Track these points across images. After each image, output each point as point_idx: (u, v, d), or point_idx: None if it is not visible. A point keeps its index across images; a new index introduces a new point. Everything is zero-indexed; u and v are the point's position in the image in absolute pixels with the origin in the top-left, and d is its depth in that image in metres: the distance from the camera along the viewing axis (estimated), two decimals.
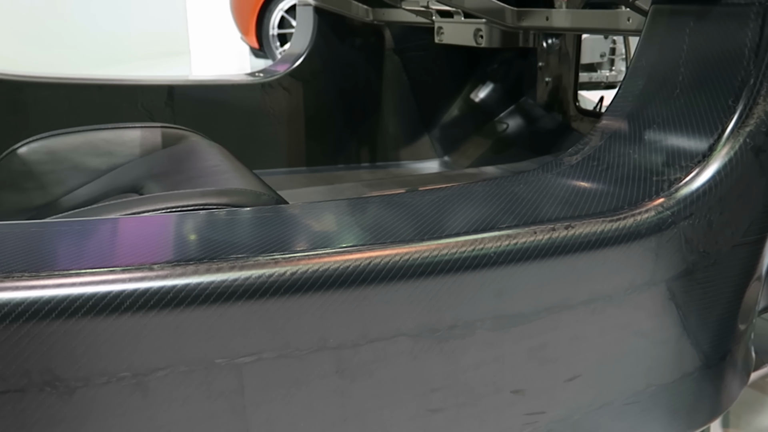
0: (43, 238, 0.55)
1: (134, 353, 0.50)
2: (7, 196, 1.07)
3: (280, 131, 1.92)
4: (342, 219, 0.67)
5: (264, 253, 0.56)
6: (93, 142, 1.11)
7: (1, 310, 0.46)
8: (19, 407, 0.48)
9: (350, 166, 1.97)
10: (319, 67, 1.92)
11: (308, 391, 0.57)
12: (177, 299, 0.51)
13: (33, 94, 1.74)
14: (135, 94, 1.81)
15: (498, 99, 2.01)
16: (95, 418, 0.50)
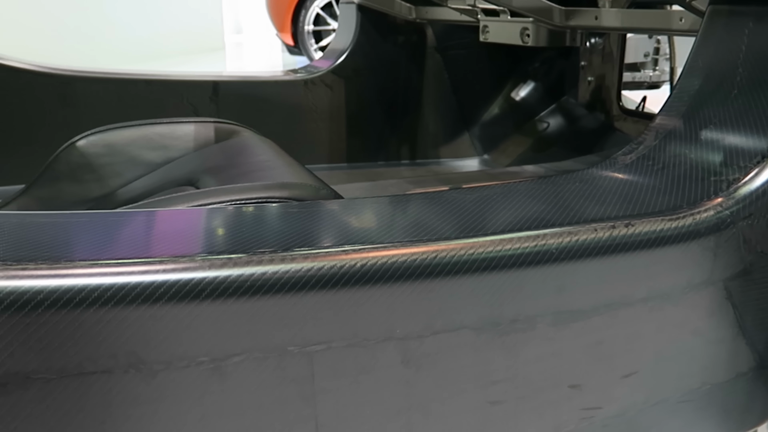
0: (125, 226, 0.58)
1: (213, 339, 0.52)
2: (66, 187, 1.10)
3: (322, 127, 1.94)
4: (405, 213, 0.68)
5: (334, 245, 0.57)
6: (148, 136, 1.14)
7: (91, 295, 0.48)
8: (106, 387, 0.50)
9: (390, 163, 1.99)
10: (361, 65, 1.93)
11: (374, 380, 0.58)
12: (254, 288, 0.53)
13: (83, 89, 1.78)
14: (181, 90, 1.84)
15: (539, 98, 2.02)
16: (175, 400, 0.52)
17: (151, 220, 0.61)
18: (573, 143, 1.84)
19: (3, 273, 0.47)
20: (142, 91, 1.82)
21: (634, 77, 1.99)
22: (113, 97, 1.80)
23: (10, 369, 0.48)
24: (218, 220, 0.63)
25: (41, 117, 1.74)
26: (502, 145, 2.00)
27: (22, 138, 1.70)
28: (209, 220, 0.62)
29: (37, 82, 1.74)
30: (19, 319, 0.47)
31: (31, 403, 0.49)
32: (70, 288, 0.48)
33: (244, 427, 0.55)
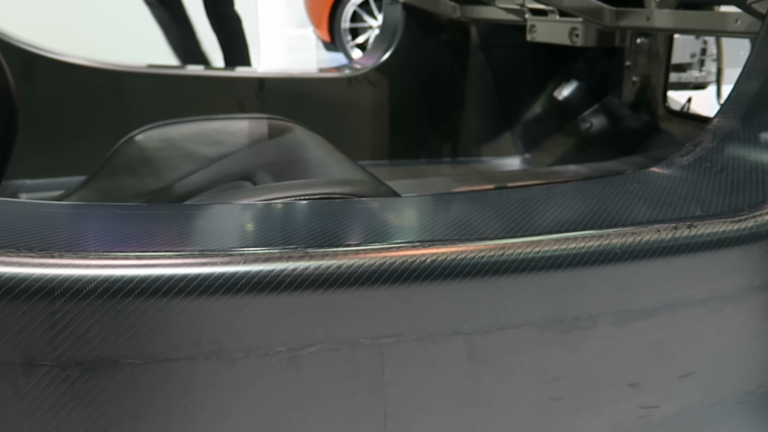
0: (205, 219, 0.60)
1: (289, 329, 0.54)
2: (125, 180, 1.14)
3: (365, 125, 1.96)
4: (468, 211, 0.69)
5: (404, 241, 0.59)
6: (204, 132, 1.17)
7: (177, 285, 0.51)
8: (189, 373, 0.52)
9: (432, 161, 2.00)
10: (404, 63, 1.95)
11: (441, 373, 0.60)
12: (329, 281, 0.54)
13: (133, 84, 1.82)
14: (227, 86, 1.87)
15: (582, 97, 2.01)
16: (253, 387, 0.54)
17: (227, 213, 0.63)
18: (616, 143, 1.84)
19: (98, 262, 0.49)
20: (190, 87, 1.86)
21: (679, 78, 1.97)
22: (161, 92, 1.84)
23: (101, 353, 0.50)
24: (290, 214, 0.64)
25: (94, 111, 1.78)
26: (544, 145, 2.00)
27: (76, 131, 1.75)
28: (283, 214, 0.64)
29: (90, 77, 1.78)
30: (111, 306, 0.49)
31: (120, 387, 0.51)
32: (158, 277, 0.50)
33: (316, 415, 0.57)
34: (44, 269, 0.48)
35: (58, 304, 0.48)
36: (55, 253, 0.49)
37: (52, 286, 0.48)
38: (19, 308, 0.48)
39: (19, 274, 0.48)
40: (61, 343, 0.49)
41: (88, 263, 0.50)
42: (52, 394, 0.50)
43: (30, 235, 0.52)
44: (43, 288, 0.48)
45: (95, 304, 0.49)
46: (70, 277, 0.49)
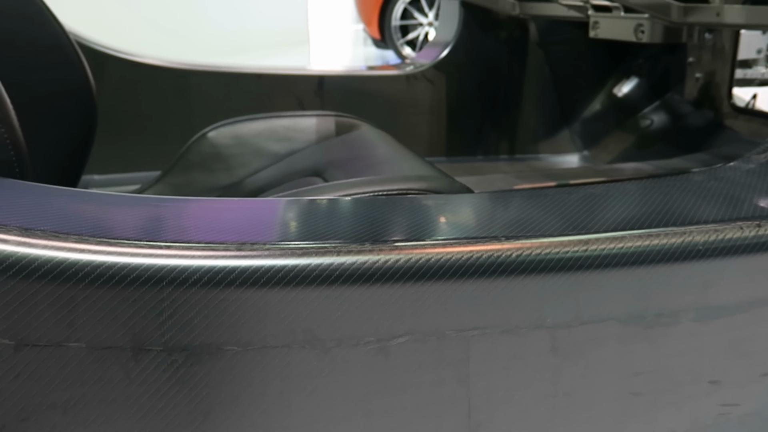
0: (297, 212, 0.62)
1: (379, 320, 0.56)
2: (198, 175, 1.17)
3: (422, 121, 1.97)
4: (547, 206, 0.70)
5: (488, 235, 0.60)
6: (273, 128, 1.19)
7: (276, 275, 0.53)
8: (285, 361, 0.54)
9: (489, 158, 2.01)
10: (462, 60, 1.95)
11: (524, 366, 0.61)
12: (418, 274, 0.56)
13: (197, 82, 1.86)
14: (288, 84, 1.91)
15: (642, 94, 1.99)
16: (344, 375, 0.56)
17: (315, 207, 0.65)
18: (679, 141, 1.81)
19: (202, 253, 0.52)
20: (252, 85, 1.89)
21: (744, 74, 1.94)
22: (224, 89, 1.88)
23: (204, 340, 0.52)
24: (374, 209, 0.66)
25: (159, 108, 1.83)
26: (603, 142, 1.98)
27: (141, 128, 1.80)
28: (367, 209, 0.65)
29: (156, 75, 1.83)
30: (215, 295, 0.52)
31: (221, 372, 0.53)
32: (258, 268, 0.52)
33: (403, 404, 0.58)
34: (153, 259, 0.51)
35: (165, 292, 0.51)
36: (162, 244, 0.52)
37: (160, 275, 0.51)
38: (131, 296, 0.50)
39: (131, 263, 0.50)
40: (168, 330, 0.51)
41: (193, 254, 0.52)
42: (158, 377, 0.52)
43: (137, 227, 0.55)
44: (152, 277, 0.50)
45: (200, 293, 0.52)
46: (177, 266, 0.51)
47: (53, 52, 1.07)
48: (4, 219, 0.51)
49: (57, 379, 0.50)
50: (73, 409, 0.51)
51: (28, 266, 0.48)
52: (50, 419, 0.51)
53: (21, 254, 0.48)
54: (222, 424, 0.54)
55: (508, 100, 2.01)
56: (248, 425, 0.55)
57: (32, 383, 0.50)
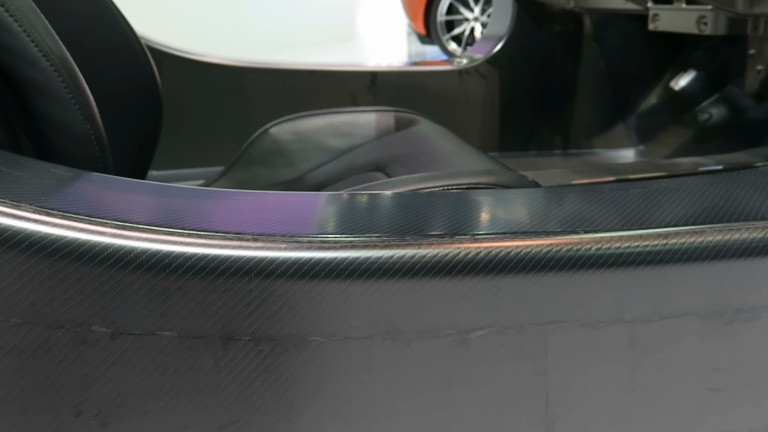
0: (372, 205, 0.63)
1: (459, 313, 0.56)
2: (260, 171, 1.19)
3: (475, 116, 1.97)
4: (621, 201, 0.69)
5: (565, 229, 0.60)
6: (334, 124, 1.20)
7: (359, 268, 0.54)
8: (367, 352, 0.55)
9: (542, 153, 1.99)
10: (516, 55, 1.94)
11: (602, 361, 0.61)
12: (498, 267, 0.56)
13: (252, 79, 1.89)
14: (341, 80, 1.92)
15: (700, 87, 1.95)
16: (425, 367, 0.57)
17: (393, 200, 0.65)
18: (739, 134, 1.78)
19: (287, 245, 0.53)
20: (305, 81, 1.91)
21: None
22: (278, 86, 1.90)
23: (290, 330, 0.53)
24: (448, 203, 0.67)
25: (214, 105, 1.86)
26: (659, 136, 1.95)
27: (198, 124, 1.84)
28: (443, 203, 0.66)
29: (212, 72, 1.86)
30: (300, 287, 0.53)
31: (306, 362, 0.54)
32: (342, 260, 0.53)
33: (482, 396, 0.59)
34: (242, 251, 0.52)
35: (253, 283, 0.52)
36: (249, 236, 0.53)
37: (249, 266, 0.52)
38: (221, 286, 0.52)
39: (221, 255, 0.52)
40: (255, 320, 0.53)
41: (279, 246, 0.53)
42: (246, 366, 0.54)
43: (224, 220, 0.56)
44: (241, 268, 0.52)
45: (286, 285, 0.53)
46: (264, 258, 0.52)
47: (122, 50, 1.10)
48: (100, 212, 0.52)
49: (150, 367, 0.52)
50: (165, 396, 0.53)
51: (124, 257, 0.50)
52: (143, 405, 0.53)
53: (117, 246, 0.50)
54: (306, 413, 0.56)
55: (561, 95, 1.99)
56: (331, 414, 0.56)
57: (127, 370, 0.52)
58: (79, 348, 0.51)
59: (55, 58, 0.66)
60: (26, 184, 0.55)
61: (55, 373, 0.51)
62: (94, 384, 0.52)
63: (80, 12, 1.03)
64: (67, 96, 0.67)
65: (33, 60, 0.65)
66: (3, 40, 0.64)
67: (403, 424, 0.58)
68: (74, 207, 0.52)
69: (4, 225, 0.48)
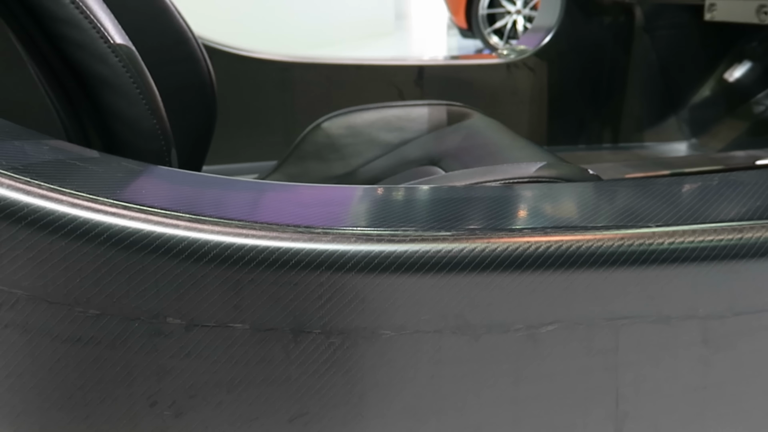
0: (447, 199, 0.63)
1: (529, 307, 0.56)
2: (313, 165, 1.19)
3: (522, 110, 1.95)
4: (692, 195, 0.68)
5: (636, 224, 0.59)
6: (386, 118, 1.20)
7: (429, 262, 0.53)
8: (436, 346, 0.55)
9: (591, 147, 1.96)
10: (564, 47, 1.92)
11: (674, 357, 0.60)
12: (569, 261, 0.55)
13: (299, 74, 1.90)
14: (388, 74, 1.92)
15: (755, 79, 1.90)
16: (494, 362, 0.56)
17: (459, 193, 0.65)
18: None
19: (357, 239, 0.53)
20: (352, 76, 1.92)
21: None
22: (325, 81, 1.91)
23: (360, 324, 0.53)
24: (513, 197, 0.66)
25: (263, 100, 1.88)
26: (713, 129, 1.91)
27: (246, 119, 1.85)
28: (508, 195, 0.65)
29: (260, 68, 1.88)
30: (371, 280, 0.53)
31: (375, 356, 0.54)
32: (412, 254, 0.53)
33: (551, 391, 0.58)
34: (313, 244, 0.52)
35: (324, 276, 0.52)
36: (320, 230, 0.53)
37: (320, 259, 0.52)
38: (293, 279, 0.52)
39: (293, 248, 0.52)
40: (326, 313, 0.53)
41: (348, 239, 0.53)
42: (316, 359, 0.54)
43: (294, 214, 0.56)
44: (312, 261, 0.52)
45: (356, 278, 0.53)
46: (335, 251, 0.52)
47: (178, 47, 1.11)
48: (173, 205, 0.53)
49: (223, 359, 0.53)
50: (237, 388, 0.53)
51: (199, 250, 0.51)
52: (216, 397, 0.53)
53: (192, 239, 0.51)
54: (375, 406, 0.56)
55: (611, 87, 1.96)
56: (400, 408, 0.56)
57: (200, 362, 0.52)
58: (154, 339, 0.51)
59: (123, 54, 0.67)
60: (101, 177, 0.56)
61: (131, 363, 0.52)
62: (168, 375, 0.52)
63: (139, 8, 1.04)
64: (135, 91, 0.68)
65: (102, 56, 0.66)
66: (73, 36, 0.65)
67: (472, 419, 0.57)
68: (149, 200, 0.52)
69: (83, 218, 0.49)
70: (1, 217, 0.48)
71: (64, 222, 0.49)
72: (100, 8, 0.68)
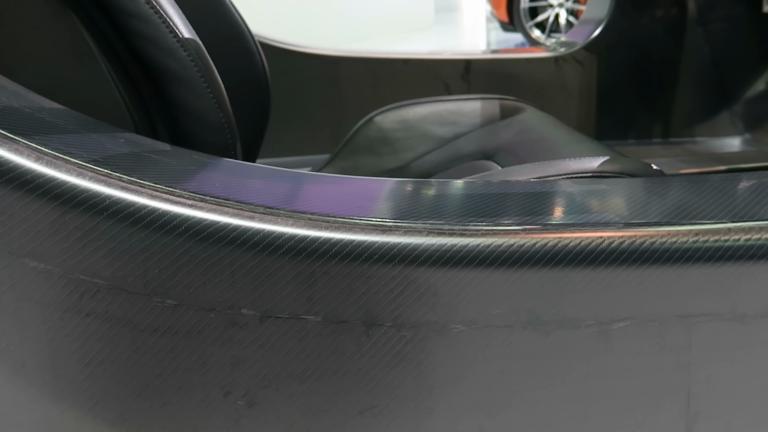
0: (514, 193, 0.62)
1: (601, 304, 0.55)
2: (365, 159, 1.20)
3: (570, 104, 1.93)
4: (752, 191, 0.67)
5: (713, 220, 0.58)
6: (438, 112, 1.20)
7: (501, 255, 0.53)
8: (507, 341, 0.55)
9: (641, 142, 1.93)
10: (614, 41, 1.89)
11: (749, 356, 0.58)
12: (643, 257, 0.55)
13: (346, 68, 1.90)
14: (435, 68, 1.91)
15: None
16: (564, 358, 0.56)
17: (525, 187, 0.65)
18: None
19: (429, 232, 0.53)
20: (399, 70, 1.91)
21: None
22: (372, 75, 1.91)
23: (431, 318, 0.53)
24: (580, 190, 0.65)
25: (310, 95, 1.89)
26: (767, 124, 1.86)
27: (294, 114, 1.86)
28: (577, 190, 0.65)
29: (307, 62, 1.89)
30: (442, 274, 0.53)
31: (446, 350, 0.54)
32: (483, 248, 0.53)
33: (622, 389, 0.57)
34: (386, 237, 0.52)
35: (396, 270, 0.52)
36: (391, 224, 0.53)
37: (392, 253, 0.52)
38: (365, 272, 0.52)
39: (366, 241, 0.52)
40: (398, 306, 0.53)
41: (420, 233, 0.53)
42: (387, 352, 0.54)
43: (362, 207, 0.57)
44: (385, 254, 0.52)
45: (428, 272, 0.53)
46: (408, 245, 0.52)
47: (234, 41, 1.12)
48: (248, 197, 0.53)
49: (296, 350, 0.53)
50: (309, 379, 0.54)
51: (274, 242, 0.51)
52: (288, 388, 0.54)
53: (267, 231, 0.51)
54: (444, 400, 0.56)
55: (662, 81, 1.92)
56: (470, 403, 0.56)
57: (273, 353, 0.53)
58: (229, 330, 0.52)
59: (191, 48, 0.68)
60: (175, 170, 0.57)
61: (207, 353, 0.52)
62: (242, 365, 0.53)
63: (197, 3, 1.05)
64: (203, 85, 0.69)
65: (171, 50, 0.67)
66: (143, 30, 0.66)
67: (541, 415, 0.57)
68: (223, 192, 0.53)
69: (162, 210, 0.50)
70: (84, 209, 0.49)
71: (144, 213, 0.50)
72: (169, 3, 0.69)
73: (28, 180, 0.48)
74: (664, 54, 1.89)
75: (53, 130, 0.55)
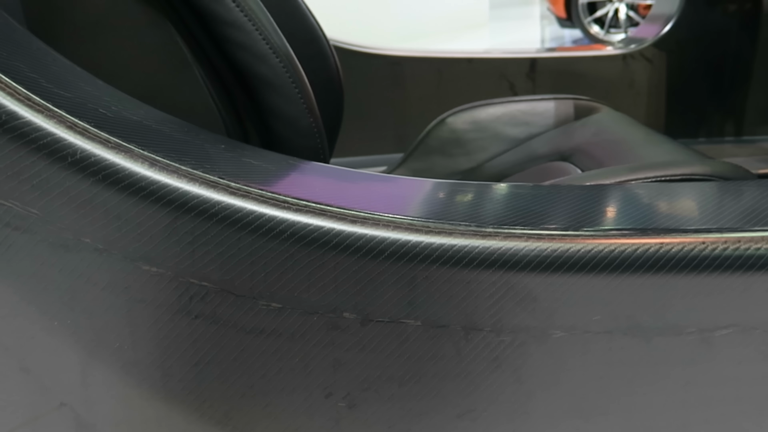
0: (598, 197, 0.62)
1: (704, 311, 0.54)
2: (438, 160, 1.20)
3: (639, 102, 1.90)
4: None
5: None
6: (511, 113, 1.19)
7: (602, 261, 0.53)
8: (606, 347, 0.54)
9: (712, 140, 1.89)
10: (685, 37, 1.85)
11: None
12: (748, 263, 0.54)
13: (410, 68, 1.90)
14: (500, 67, 1.90)
15: None
16: (665, 365, 0.55)
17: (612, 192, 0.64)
18: None
19: (528, 237, 0.53)
20: (463, 69, 1.91)
21: None
22: (436, 75, 1.91)
23: (530, 323, 0.53)
24: (676, 195, 0.64)
25: (374, 95, 1.90)
26: None
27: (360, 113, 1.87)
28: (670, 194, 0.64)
29: (371, 62, 1.90)
30: (543, 279, 0.53)
31: (545, 355, 0.54)
32: (584, 254, 0.53)
33: (723, 397, 0.57)
34: (487, 241, 0.53)
35: (497, 275, 0.52)
36: (491, 231, 0.53)
37: (492, 258, 0.52)
38: (466, 277, 0.52)
39: (467, 245, 0.52)
40: (497, 311, 0.53)
41: (519, 237, 0.53)
42: (486, 357, 0.54)
43: (459, 212, 0.57)
44: (485, 260, 0.52)
45: (528, 277, 0.53)
46: (507, 250, 0.52)
47: (310, 44, 1.14)
48: (348, 202, 0.54)
49: (396, 353, 0.54)
50: (409, 382, 0.54)
51: (376, 247, 0.52)
52: (388, 390, 0.54)
53: (370, 236, 0.52)
54: (542, 405, 0.56)
55: (735, 78, 1.87)
56: (568, 408, 0.56)
57: (374, 356, 0.54)
58: (331, 333, 0.53)
59: (282, 54, 0.69)
60: (275, 175, 0.58)
61: (309, 355, 0.53)
62: (343, 368, 0.54)
63: (275, 7, 1.07)
64: (294, 91, 0.70)
65: (264, 57, 0.68)
66: (236, 38, 0.68)
67: (640, 422, 0.57)
68: (326, 197, 0.54)
69: (269, 215, 0.51)
70: (195, 214, 0.50)
71: (251, 219, 0.51)
72: (260, 10, 0.71)
73: (143, 186, 0.50)
74: (737, 50, 1.84)
75: (160, 137, 0.56)
